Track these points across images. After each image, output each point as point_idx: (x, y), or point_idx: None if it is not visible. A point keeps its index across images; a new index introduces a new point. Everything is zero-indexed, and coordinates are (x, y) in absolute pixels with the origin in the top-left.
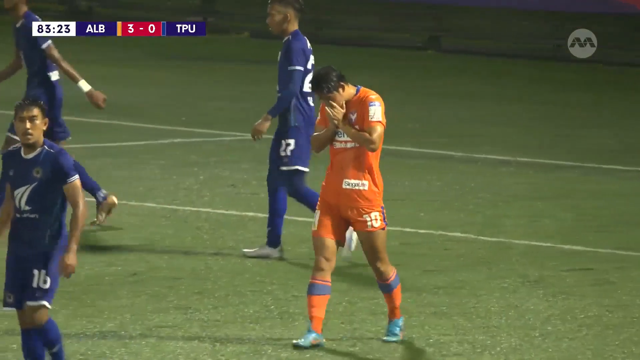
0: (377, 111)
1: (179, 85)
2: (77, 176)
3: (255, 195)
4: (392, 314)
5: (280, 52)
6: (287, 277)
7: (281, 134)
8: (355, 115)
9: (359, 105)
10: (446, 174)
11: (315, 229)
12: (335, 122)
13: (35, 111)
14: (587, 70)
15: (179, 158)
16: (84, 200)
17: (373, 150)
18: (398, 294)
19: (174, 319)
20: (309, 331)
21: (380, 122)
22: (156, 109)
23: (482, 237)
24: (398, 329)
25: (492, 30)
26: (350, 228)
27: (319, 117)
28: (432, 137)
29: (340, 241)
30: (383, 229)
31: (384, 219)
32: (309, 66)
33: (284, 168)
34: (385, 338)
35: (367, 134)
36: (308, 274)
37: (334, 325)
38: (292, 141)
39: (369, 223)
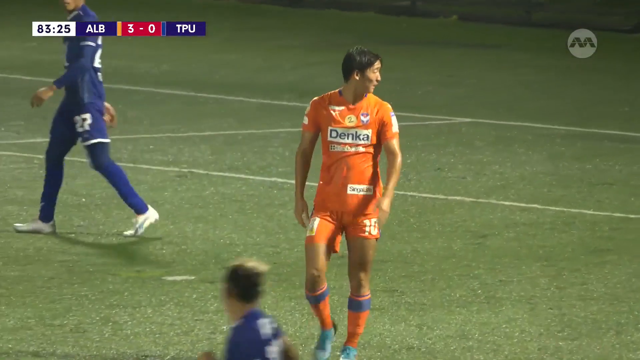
0: (396, 122)
1: (387, 69)
2: None
3: (462, 180)
4: (350, 339)
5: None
6: (494, 261)
7: (73, 111)
8: (368, 117)
9: (374, 110)
10: None
11: (313, 234)
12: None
13: None
14: None
15: None
16: None
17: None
18: (364, 319)
19: (381, 302)
20: (324, 338)
21: (398, 132)
22: None
23: None
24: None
25: None
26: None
27: (307, 122)
28: None
29: (334, 248)
30: (377, 239)
31: (379, 229)
32: (99, 41)
33: (86, 143)
34: None
35: (397, 170)
36: (517, 259)
37: (542, 311)
38: (87, 115)
39: (367, 229)
